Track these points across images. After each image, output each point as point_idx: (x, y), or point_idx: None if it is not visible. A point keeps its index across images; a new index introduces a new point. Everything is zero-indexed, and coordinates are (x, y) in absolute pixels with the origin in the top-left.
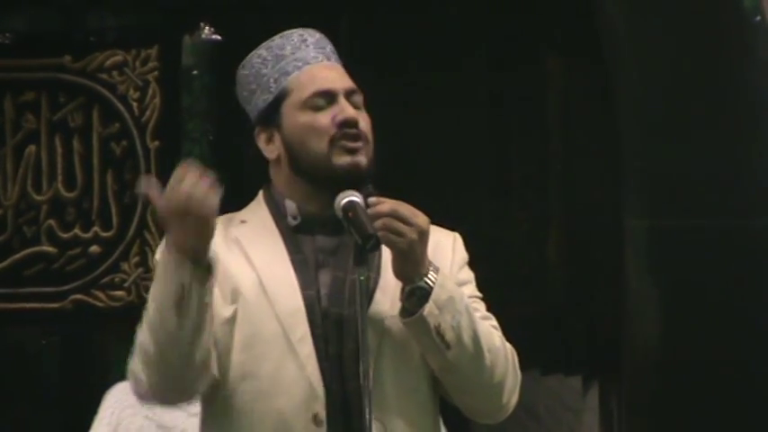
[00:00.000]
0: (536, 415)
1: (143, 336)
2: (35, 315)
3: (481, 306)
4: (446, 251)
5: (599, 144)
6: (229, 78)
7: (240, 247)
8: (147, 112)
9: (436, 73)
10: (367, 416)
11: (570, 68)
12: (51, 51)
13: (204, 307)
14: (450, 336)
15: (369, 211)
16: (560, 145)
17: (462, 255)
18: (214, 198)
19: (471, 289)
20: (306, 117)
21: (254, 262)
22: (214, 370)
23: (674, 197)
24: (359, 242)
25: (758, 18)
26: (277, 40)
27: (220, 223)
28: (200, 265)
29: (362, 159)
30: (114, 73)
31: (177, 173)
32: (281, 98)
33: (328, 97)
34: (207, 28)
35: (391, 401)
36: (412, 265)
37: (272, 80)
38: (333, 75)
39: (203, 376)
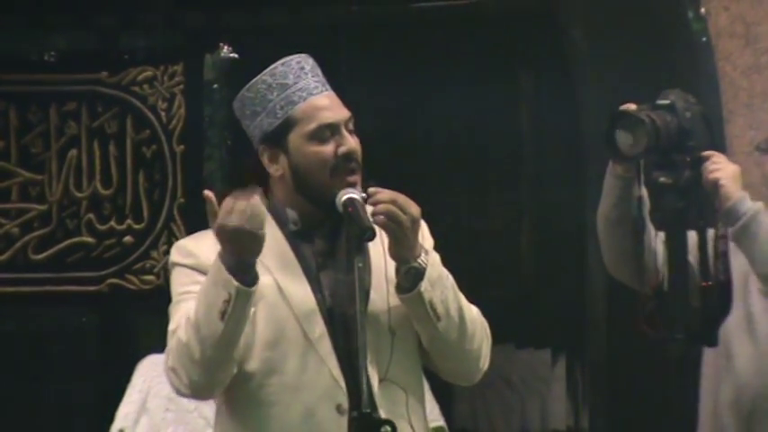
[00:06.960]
0: (511, 384)
1: (187, 336)
2: (76, 296)
3: None
4: None
5: (564, 148)
6: None
7: None
8: (174, 121)
9: (424, 85)
10: (365, 389)
11: (539, 82)
12: (90, 67)
13: (243, 317)
14: (440, 309)
15: (369, 200)
16: (531, 149)
17: (430, 240)
18: (263, 215)
19: None
20: (312, 148)
21: (268, 266)
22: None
23: None
24: (358, 233)
25: (704, 39)
26: (279, 68)
27: None
28: (245, 280)
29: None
30: (145, 86)
31: (230, 198)
32: (288, 126)
33: (332, 129)
34: (225, 47)
35: (395, 387)
36: (406, 249)
37: (278, 107)
38: (333, 105)
39: (232, 373)
